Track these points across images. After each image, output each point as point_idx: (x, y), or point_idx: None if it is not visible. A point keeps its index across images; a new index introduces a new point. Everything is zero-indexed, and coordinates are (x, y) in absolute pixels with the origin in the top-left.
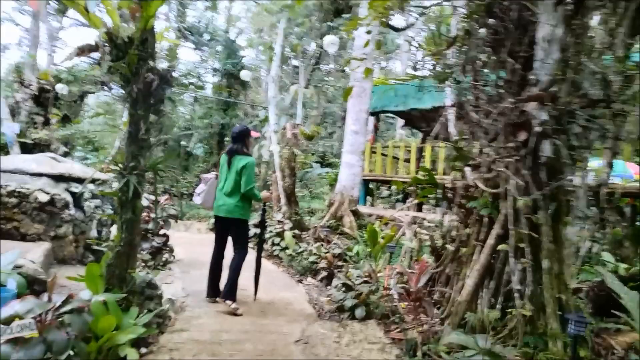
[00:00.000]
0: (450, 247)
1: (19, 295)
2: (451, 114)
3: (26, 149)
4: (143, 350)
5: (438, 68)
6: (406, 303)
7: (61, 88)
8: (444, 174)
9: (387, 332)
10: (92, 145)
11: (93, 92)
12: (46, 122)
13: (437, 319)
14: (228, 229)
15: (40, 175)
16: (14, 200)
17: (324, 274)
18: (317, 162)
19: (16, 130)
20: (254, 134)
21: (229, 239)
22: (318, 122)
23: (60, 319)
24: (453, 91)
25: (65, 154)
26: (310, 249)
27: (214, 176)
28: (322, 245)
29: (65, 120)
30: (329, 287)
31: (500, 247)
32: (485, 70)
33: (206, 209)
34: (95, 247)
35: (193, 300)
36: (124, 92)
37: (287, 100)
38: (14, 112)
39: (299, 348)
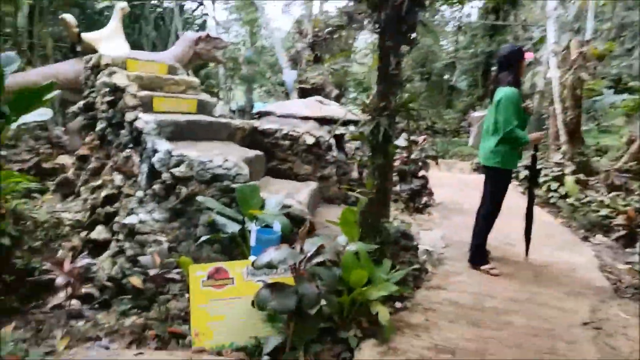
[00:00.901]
0: None
1: (283, 237)
2: None
3: (305, 93)
4: (398, 304)
5: None
6: None
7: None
8: None
9: None
10: (361, 86)
11: (341, 27)
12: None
13: None
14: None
15: (307, 118)
16: (287, 142)
17: (621, 232)
18: (609, 87)
19: (294, 77)
20: (527, 55)
21: None
22: (612, 37)
23: (312, 270)
24: None
25: (338, 97)
26: (600, 199)
27: (483, 114)
28: (619, 195)
29: (316, 60)
30: (628, 251)
31: None
32: None
33: None
34: (353, 191)
35: (453, 253)
36: (372, 22)
37: (571, 14)
38: (295, 61)
39: (587, 334)
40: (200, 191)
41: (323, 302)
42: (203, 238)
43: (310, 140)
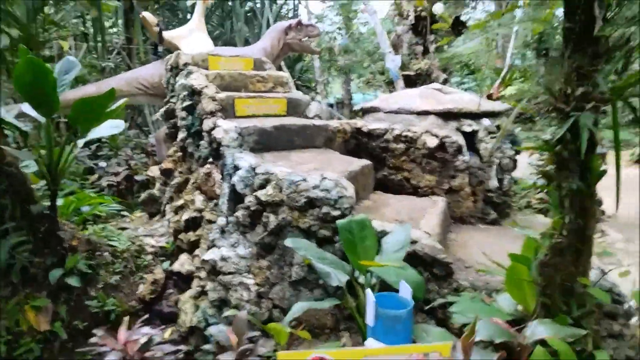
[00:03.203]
0: None
1: (415, 301)
2: None
3: (409, 81)
4: None
5: None
6: None
7: (438, 8)
8: None
9: None
10: (468, 69)
11: None
12: (425, 51)
13: None
14: None
15: (426, 113)
16: (401, 146)
17: None
18: None
19: (398, 63)
20: None
21: None
22: None
23: None
24: None
25: (444, 82)
26: None
27: None
28: None
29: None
30: None
31: None
32: None
33: None
34: (497, 201)
35: None
36: None
37: None
38: (396, 46)
39: None
40: (293, 220)
41: None
42: (297, 310)
43: (432, 142)
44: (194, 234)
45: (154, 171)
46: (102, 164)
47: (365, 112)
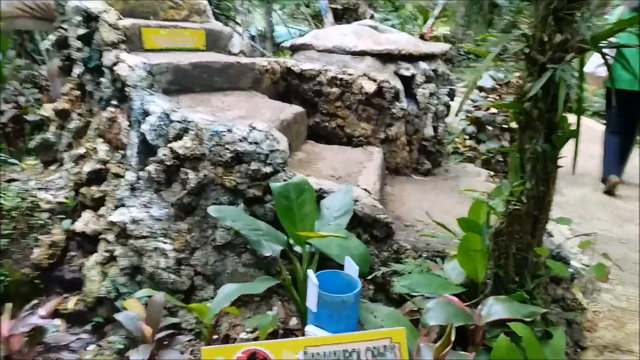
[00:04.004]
0: None
1: (360, 277)
2: None
3: (335, 15)
4: None
5: None
6: None
7: None
8: None
9: None
10: (392, 5)
11: None
12: None
13: None
14: None
15: (363, 54)
16: (336, 90)
17: None
18: None
19: None
20: None
21: None
22: None
23: None
24: None
25: (371, 17)
26: None
27: None
28: None
29: None
30: None
31: None
32: None
33: None
34: (431, 149)
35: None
36: None
37: None
38: None
39: None
40: (216, 177)
41: None
42: (226, 296)
43: (369, 87)
44: (97, 189)
45: (48, 111)
46: None
47: (296, 49)
